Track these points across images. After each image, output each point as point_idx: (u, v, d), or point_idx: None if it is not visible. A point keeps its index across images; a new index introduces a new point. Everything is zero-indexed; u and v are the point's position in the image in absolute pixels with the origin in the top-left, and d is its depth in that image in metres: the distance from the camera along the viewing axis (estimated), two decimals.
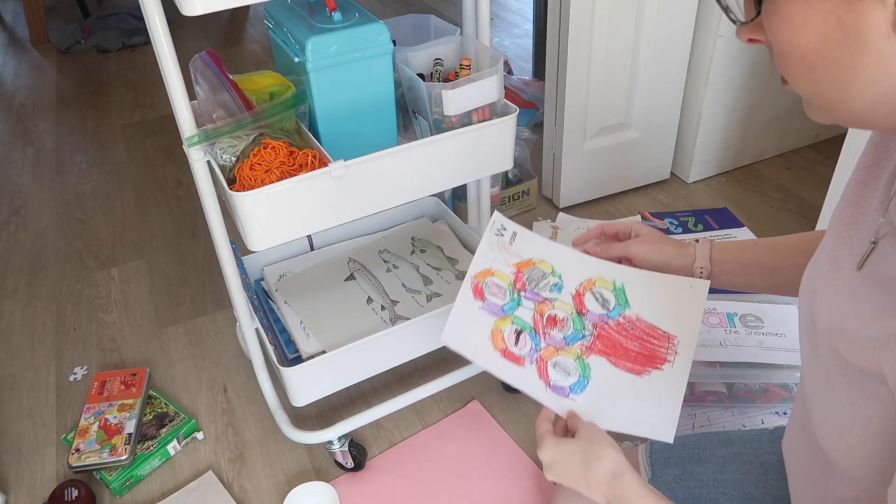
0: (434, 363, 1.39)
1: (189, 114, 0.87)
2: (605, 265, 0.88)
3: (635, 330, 0.84)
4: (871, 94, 0.46)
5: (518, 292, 0.87)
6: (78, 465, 1.19)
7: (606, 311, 0.85)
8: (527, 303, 0.86)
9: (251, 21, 3.29)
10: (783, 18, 0.46)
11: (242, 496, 1.19)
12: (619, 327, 0.84)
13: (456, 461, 1.22)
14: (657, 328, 0.83)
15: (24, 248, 1.83)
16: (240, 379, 1.40)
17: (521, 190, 1.79)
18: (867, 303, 0.54)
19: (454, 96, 0.97)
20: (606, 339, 0.83)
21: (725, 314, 1.31)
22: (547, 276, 0.88)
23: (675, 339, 0.83)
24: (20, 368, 1.47)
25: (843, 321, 0.56)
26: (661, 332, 0.83)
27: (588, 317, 0.85)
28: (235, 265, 1.06)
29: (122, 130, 2.38)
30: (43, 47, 3.12)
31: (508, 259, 0.89)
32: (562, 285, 0.87)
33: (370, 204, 0.99)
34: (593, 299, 0.86)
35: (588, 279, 0.87)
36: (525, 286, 0.87)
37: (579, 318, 0.85)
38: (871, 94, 0.46)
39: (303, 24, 0.94)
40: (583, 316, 0.85)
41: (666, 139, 1.84)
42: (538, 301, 0.86)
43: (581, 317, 0.85)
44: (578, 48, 1.57)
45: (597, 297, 0.86)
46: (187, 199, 1.98)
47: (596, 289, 0.87)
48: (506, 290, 0.87)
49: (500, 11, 3.15)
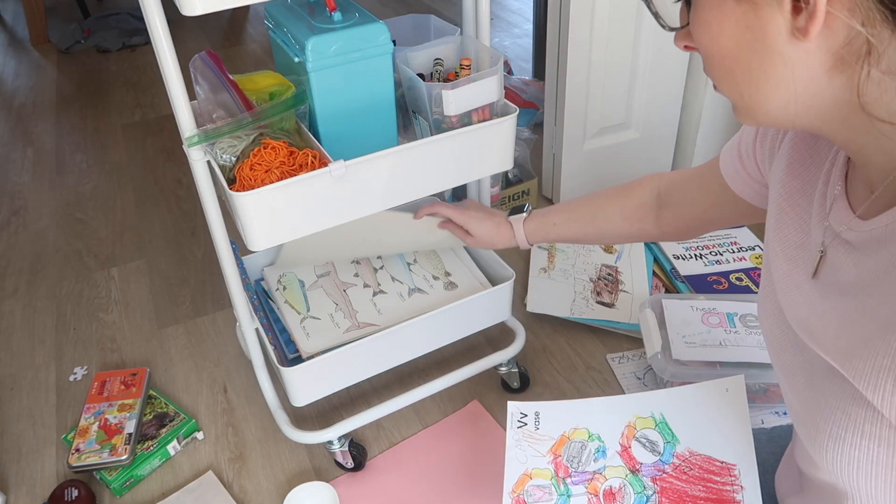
0: (434, 363, 1.39)
1: (189, 114, 0.87)
2: (636, 398, 0.85)
3: (693, 469, 0.80)
4: (783, 95, 0.49)
5: (563, 482, 0.82)
6: (78, 465, 1.19)
7: (658, 457, 0.81)
8: (577, 489, 0.81)
9: (251, 21, 3.29)
10: (703, 24, 0.50)
11: (242, 496, 1.19)
12: (677, 472, 0.80)
13: (456, 461, 1.22)
14: (713, 460, 0.80)
15: (24, 248, 1.83)
16: (240, 379, 1.40)
17: (521, 190, 1.79)
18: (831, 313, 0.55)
19: (454, 96, 0.97)
20: (671, 492, 0.79)
21: (725, 314, 1.31)
22: (587, 444, 0.83)
23: (734, 468, 0.79)
24: (20, 368, 1.47)
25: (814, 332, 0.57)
26: (718, 464, 0.79)
27: (644, 471, 0.81)
28: (235, 265, 1.06)
29: (122, 130, 2.38)
30: (43, 47, 3.13)
31: (541, 448, 0.84)
32: (605, 447, 0.83)
33: (370, 204, 0.99)
34: (641, 448, 0.82)
35: (628, 424, 0.83)
36: (568, 470, 0.82)
37: (636, 479, 0.80)
38: (783, 95, 0.49)
39: (303, 24, 0.94)
40: (638, 474, 0.81)
41: (666, 139, 1.84)
42: (587, 480, 0.81)
43: (637, 475, 0.80)
44: (578, 48, 1.57)
45: (644, 444, 0.82)
46: (187, 199, 1.98)
47: (640, 433, 0.83)
48: (550, 489, 0.82)
49: (500, 11, 3.15)
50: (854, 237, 0.54)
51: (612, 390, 1.33)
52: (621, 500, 0.80)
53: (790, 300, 0.62)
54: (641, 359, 1.39)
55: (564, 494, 0.81)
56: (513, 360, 1.31)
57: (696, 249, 1.60)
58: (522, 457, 0.84)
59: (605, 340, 1.44)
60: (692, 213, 0.90)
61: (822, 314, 0.56)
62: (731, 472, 0.79)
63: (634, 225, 0.98)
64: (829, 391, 0.55)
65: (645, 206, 0.97)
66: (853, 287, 0.53)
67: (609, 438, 0.84)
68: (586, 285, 1.54)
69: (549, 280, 1.56)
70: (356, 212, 0.99)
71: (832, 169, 0.59)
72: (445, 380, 1.24)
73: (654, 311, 1.32)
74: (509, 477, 0.83)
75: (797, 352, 0.62)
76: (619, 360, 1.39)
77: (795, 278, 0.61)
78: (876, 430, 0.51)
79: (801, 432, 0.62)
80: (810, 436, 0.59)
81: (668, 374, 1.21)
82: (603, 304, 1.49)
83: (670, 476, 0.80)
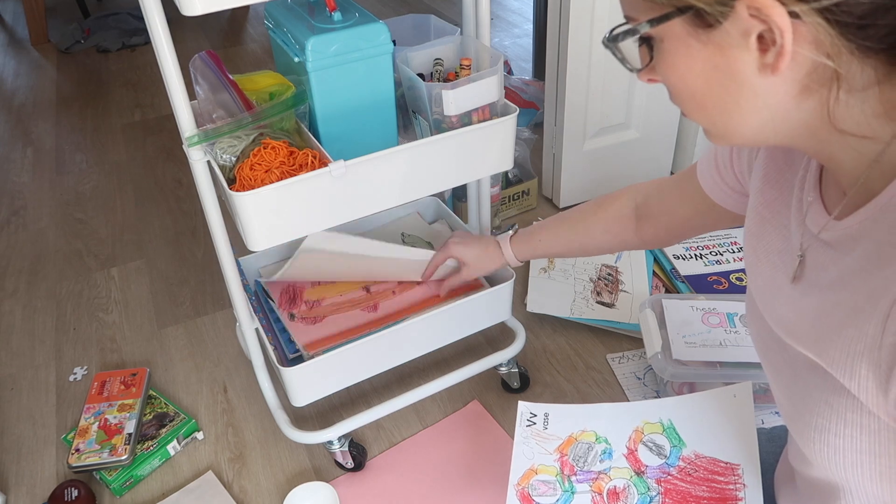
0: (434, 363, 1.39)
1: (189, 114, 0.87)
2: (645, 405, 0.86)
3: (698, 471, 0.80)
4: (756, 121, 0.52)
5: (568, 479, 0.82)
6: (78, 465, 1.19)
7: (664, 460, 0.82)
8: (581, 486, 0.81)
9: (251, 21, 3.29)
10: (670, 66, 0.52)
11: (242, 496, 1.19)
12: (682, 474, 0.80)
13: (456, 461, 1.22)
14: (718, 461, 0.81)
15: (24, 248, 1.83)
16: (240, 379, 1.40)
17: (521, 190, 1.79)
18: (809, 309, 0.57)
19: (454, 96, 0.97)
20: (674, 493, 0.79)
21: (725, 314, 1.31)
22: (593, 446, 0.84)
23: (738, 468, 0.79)
24: (20, 368, 1.47)
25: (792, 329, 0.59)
26: (723, 465, 0.80)
27: (648, 474, 0.81)
28: (235, 265, 1.06)
29: (122, 130, 2.38)
30: (43, 47, 3.12)
31: (548, 447, 0.85)
32: (611, 450, 0.83)
33: (370, 204, 0.99)
34: (647, 451, 0.83)
35: (635, 429, 0.84)
36: (574, 469, 0.83)
37: (641, 480, 0.81)
38: (756, 121, 0.52)
39: (303, 24, 0.94)
40: (643, 475, 0.81)
41: (666, 139, 1.84)
42: (592, 479, 0.82)
43: (641, 476, 0.81)
44: (578, 48, 1.57)
45: (650, 448, 0.83)
46: (187, 199, 1.98)
47: (647, 437, 0.84)
48: (555, 485, 0.82)
49: (500, 11, 3.15)
50: (831, 237, 0.56)
51: (612, 390, 1.33)
52: (625, 500, 0.80)
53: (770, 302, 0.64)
54: (641, 359, 1.39)
55: (568, 491, 0.82)
56: (513, 360, 1.31)
57: (696, 249, 1.60)
58: (529, 453, 0.85)
59: (605, 340, 1.44)
60: (673, 222, 0.92)
61: (800, 311, 0.58)
62: (734, 472, 0.79)
63: (616, 237, 1.02)
64: (812, 384, 0.57)
65: (625, 218, 1.00)
66: (833, 284, 0.55)
67: (616, 441, 0.84)
68: (586, 285, 1.54)
69: (549, 280, 1.56)
70: (356, 212, 0.99)
71: (806, 175, 0.61)
72: (445, 380, 1.24)
73: (654, 311, 1.32)
74: (515, 470, 0.84)
75: (780, 350, 0.64)
76: (619, 360, 1.39)
77: (778, 281, 0.63)
78: (857, 417, 0.53)
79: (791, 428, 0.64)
80: (798, 430, 0.61)
81: (668, 374, 1.21)
82: (603, 304, 1.49)
83: (675, 478, 0.80)
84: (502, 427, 1.27)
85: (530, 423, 0.88)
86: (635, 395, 1.31)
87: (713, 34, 0.48)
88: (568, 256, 1.17)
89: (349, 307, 1.21)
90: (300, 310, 1.20)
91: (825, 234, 0.57)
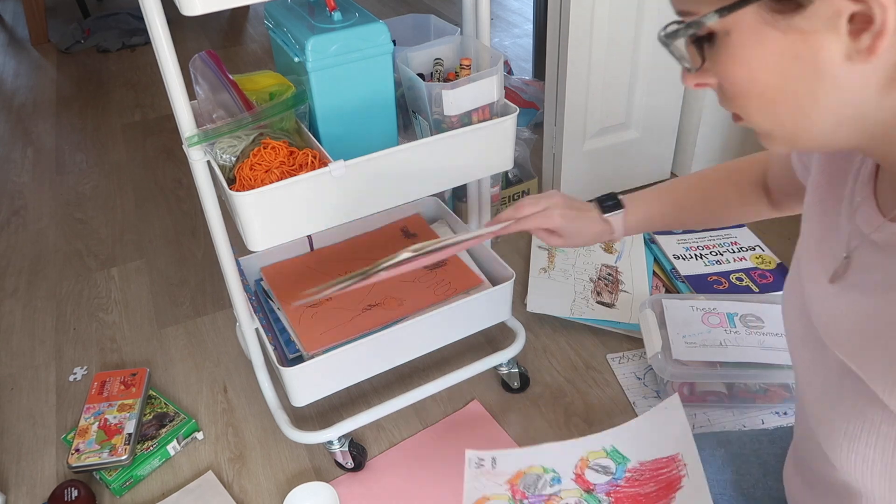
0: (434, 363, 1.39)
1: (189, 114, 0.87)
2: (590, 440, 0.88)
3: (645, 474, 0.83)
4: (832, 120, 0.48)
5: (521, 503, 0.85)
6: (78, 465, 1.19)
7: (611, 477, 0.84)
8: None
9: (251, 21, 3.29)
10: (738, 62, 0.48)
11: (242, 496, 1.19)
12: (629, 482, 0.83)
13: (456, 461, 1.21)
14: (660, 459, 0.84)
15: (24, 248, 1.83)
16: (240, 379, 1.40)
17: (521, 190, 1.79)
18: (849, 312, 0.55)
19: (454, 96, 0.97)
20: (625, 499, 0.82)
21: (725, 314, 1.31)
22: (542, 476, 0.86)
23: (677, 455, 0.82)
24: (20, 368, 1.47)
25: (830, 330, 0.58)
26: (665, 459, 0.83)
27: (598, 490, 0.84)
28: (235, 265, 1.06)
29: (122, 130, 2.38)
30: (43, 47, 3.13)
31: (498, 480, 0.87)
32: (559, 477, 0.86)
33: (370, 204, 0.99)
34: (594, 472, 0.85)
35: (581, 458, 0.87)
36: (525, 494, 0.85)
37: (591, 496, 0.83)
38: (833, 119, 0.48)
39: (303, 24, 0.94)
40: (593, 492, 0.83)
41: (666, 139, 1.84)
42: (545, 500, 0.84)
43: (592, 493, 0.83)
44: (578, 48, 1.57)
45: (597, 469, 0.85)
46: (187, 199, 1.98)
47: (592, 462, 0.86)
48: None
49: (500, 11, 3.15)
50: (883, 239, 0.54)
51: (613, 390, 1.33)
52: None
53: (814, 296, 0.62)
54: (641, 359, 1.39)
55: None
56: (513, 360, 1.31)
57: (696, 249, 1.60)
58: (480, 486, 0.87)
59: (605, 340, 1.44)
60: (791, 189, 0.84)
61: (840, 312, 0.56)
62: (675, 460, 0.83)
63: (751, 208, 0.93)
64: (847, 389, 0.55)
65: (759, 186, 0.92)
66: (876, 288, 0.53)
67: (563, 470, 0.87)
68: (586, 285, 1.54)
69: (549, 280, 1.56)
70: (356, 212, 0.99)
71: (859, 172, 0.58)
72: (445, 380, 1.24)
73: (655, 311, 1.32)
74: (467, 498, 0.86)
75: (817, 347, 0.61)
76: (619, 360, 1.39)
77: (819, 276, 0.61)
78: (892, 430, 0.51)
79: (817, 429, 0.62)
80: (825, 433, 0.59)
81: (668, 374, 1.21)
82: (603, 304, 1.49)
83: (623, 488, 0.84)
84: (502, 427, 1.27)
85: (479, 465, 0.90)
86: (635, 395, 1.31)
87: (795, 19, 0.43)
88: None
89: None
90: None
91: (877, 236, 0.54)
